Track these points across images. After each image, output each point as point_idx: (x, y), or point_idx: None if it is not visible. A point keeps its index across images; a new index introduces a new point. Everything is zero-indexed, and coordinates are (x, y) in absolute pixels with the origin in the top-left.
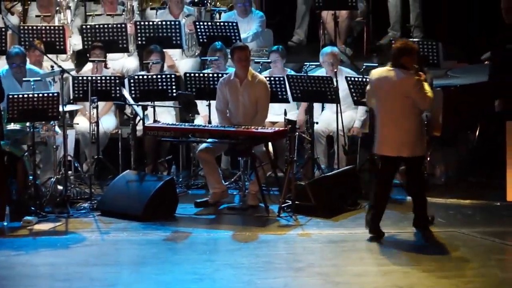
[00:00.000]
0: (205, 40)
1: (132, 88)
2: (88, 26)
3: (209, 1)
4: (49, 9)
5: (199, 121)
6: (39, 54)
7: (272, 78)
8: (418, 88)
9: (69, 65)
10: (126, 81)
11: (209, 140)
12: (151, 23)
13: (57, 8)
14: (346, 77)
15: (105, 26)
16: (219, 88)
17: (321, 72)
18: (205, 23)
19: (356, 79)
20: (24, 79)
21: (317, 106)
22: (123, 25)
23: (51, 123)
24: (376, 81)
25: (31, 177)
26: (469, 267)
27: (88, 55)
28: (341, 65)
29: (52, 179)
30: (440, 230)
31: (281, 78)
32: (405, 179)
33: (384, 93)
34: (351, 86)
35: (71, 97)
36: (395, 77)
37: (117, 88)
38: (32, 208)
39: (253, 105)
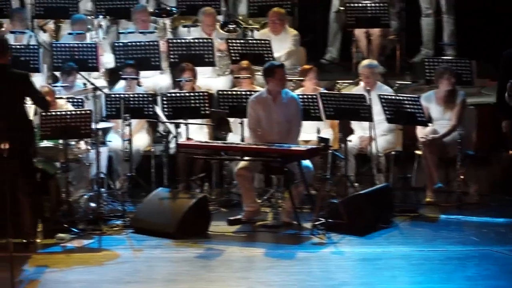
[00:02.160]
0: (237, 58)
1: (165, 105)
2: (121, 44)
3: (241, 21)
4: (82, 27)
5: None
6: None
7: (304, 96)
8: None
9: (101, 82)
10: (158, 98)
11: (245, 158)
12: (183, 40)
13: (89, 26)
14: (379, 95)
15: (137, 43)
16: (251, 106)
17: (355, 90)
18: (238, 41)
19: (389, 97)
20: (56, 96)
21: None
22: (155, 43)
23: (84, 140)
24: None
25: (64, 195)
26: (501, 286)
27: (120, 72)
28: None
29: (85, 196)
30: (473, 249)
31: (314, 96)
32: None
33: None
34: (384, 104)
35: (104, 114)
36: None
37: (150, 105)
38: (65, 225)
39: (287, 122)
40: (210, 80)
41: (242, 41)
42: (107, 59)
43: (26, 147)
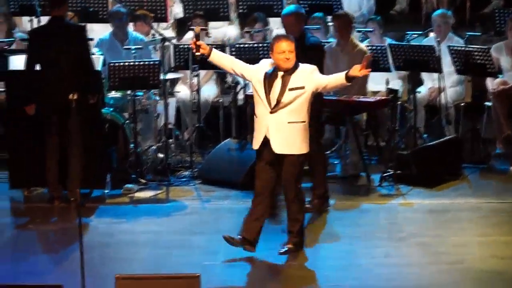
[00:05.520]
0: (307, 9)
1: (234, 56)
2: None
3: None
4: None
5: None
6: (141, 24)
7: (373, 47)
8: None
9: (170, 33)
10: (227, 49)
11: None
12: None
13: None
14: (448, 46)
15: None
16: None
17: (425, 41)
18: None
19: (459, 48)
20: (125, 47)
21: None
22: None
23: (151, 91)
24: None
25: (132, 145)
26: None
27: (189, 23)
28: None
29: (153, 147)
30: None
31: (383, 47)
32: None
33: None
34: (454, 56)
35: (172, 65)
36: None
37: None
38: (133, 176)
39: None
40: (278, 31)
41: None
42: (177, 10)
43: (94, 97)
